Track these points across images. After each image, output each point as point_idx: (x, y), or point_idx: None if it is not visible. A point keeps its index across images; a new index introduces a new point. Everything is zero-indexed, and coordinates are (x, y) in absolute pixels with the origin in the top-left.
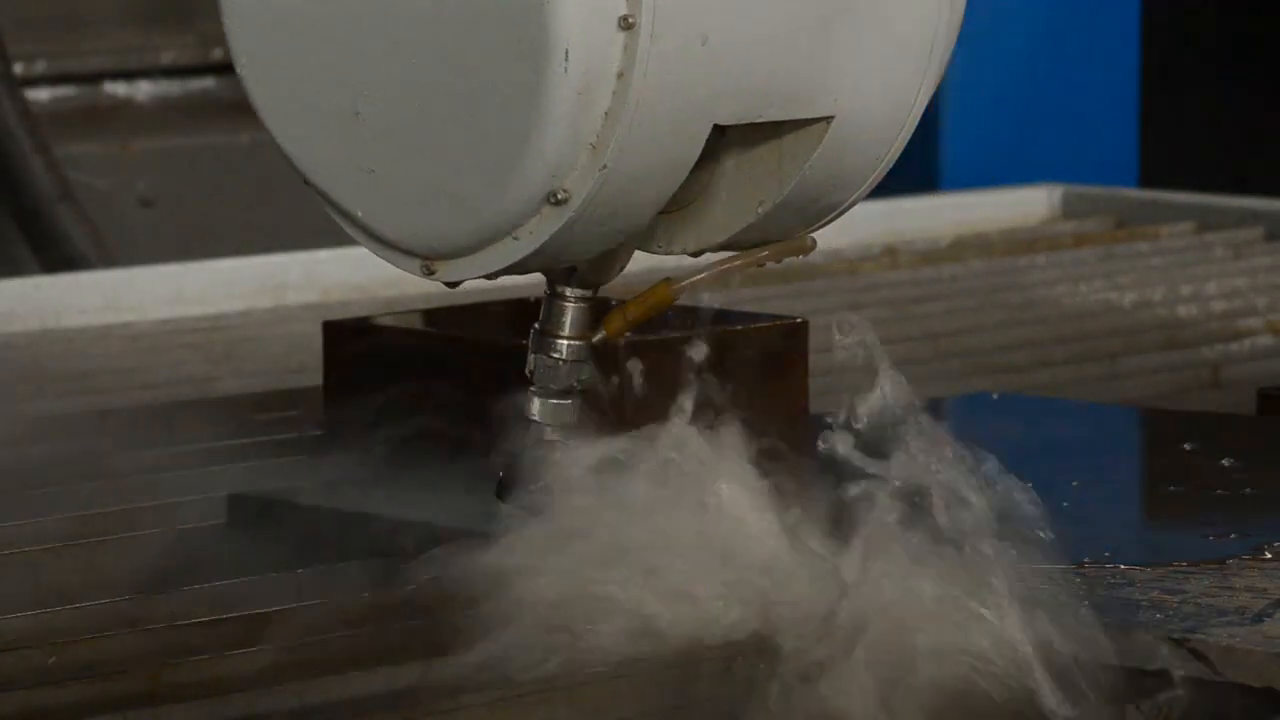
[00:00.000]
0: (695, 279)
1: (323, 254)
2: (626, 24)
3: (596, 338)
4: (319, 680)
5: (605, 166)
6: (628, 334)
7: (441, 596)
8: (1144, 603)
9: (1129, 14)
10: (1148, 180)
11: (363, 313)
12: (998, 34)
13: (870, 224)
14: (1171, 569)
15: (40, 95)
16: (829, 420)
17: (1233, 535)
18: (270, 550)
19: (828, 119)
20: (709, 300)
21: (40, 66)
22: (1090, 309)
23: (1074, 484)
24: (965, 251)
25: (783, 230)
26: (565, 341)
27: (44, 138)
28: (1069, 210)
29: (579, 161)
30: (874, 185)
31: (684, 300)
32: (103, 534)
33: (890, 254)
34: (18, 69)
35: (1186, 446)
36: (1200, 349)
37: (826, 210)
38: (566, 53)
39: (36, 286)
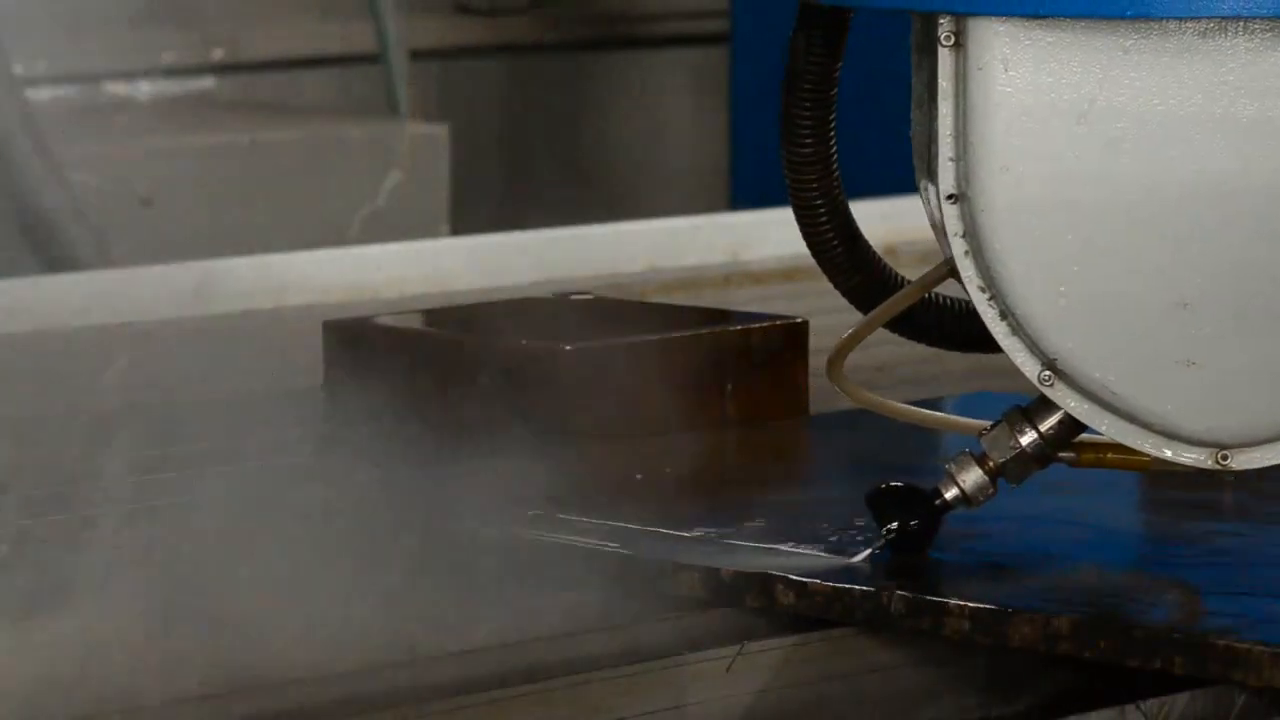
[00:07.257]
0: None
1: (323, 254)
2: None
3: (1063, 455)
4: (319, 680)
5: None
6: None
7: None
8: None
9: None
10: None
11: (363, 313)
12: None
13: (870, 224)
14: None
15: (40, 95)
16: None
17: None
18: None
19: None
20: None
21: (40, 66)
22: None
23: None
24: None
25: None
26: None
27: (44, 138)
28: None
29: None
30: None
31: None
32: (102, 534)
33: (890, 254)
34: (18, 69)
35: None
36: None
37: None
38: None
39: (36, 286)
